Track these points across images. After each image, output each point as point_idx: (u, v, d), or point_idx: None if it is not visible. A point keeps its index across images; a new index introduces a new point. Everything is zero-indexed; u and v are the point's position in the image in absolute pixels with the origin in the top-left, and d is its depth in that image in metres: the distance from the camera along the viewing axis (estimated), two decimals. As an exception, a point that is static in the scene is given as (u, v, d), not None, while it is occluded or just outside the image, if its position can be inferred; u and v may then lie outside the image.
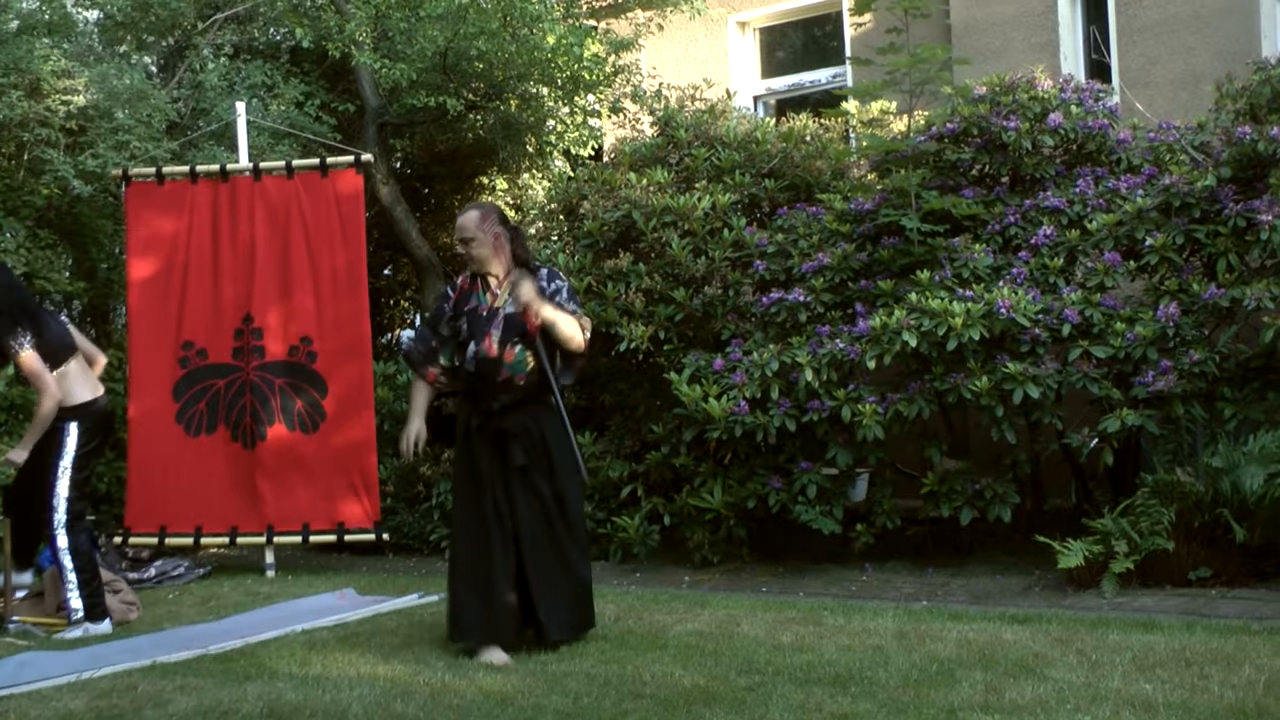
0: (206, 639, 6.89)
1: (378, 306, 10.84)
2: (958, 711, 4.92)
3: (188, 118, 10.62)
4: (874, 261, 8.69)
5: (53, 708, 5.50)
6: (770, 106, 12.90)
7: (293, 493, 9.24)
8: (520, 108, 12.12)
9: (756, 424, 8.16)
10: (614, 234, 9.31)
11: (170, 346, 9.27)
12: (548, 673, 5.82)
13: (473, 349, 6.44)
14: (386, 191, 12.00)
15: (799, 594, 7.79)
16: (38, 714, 5.41)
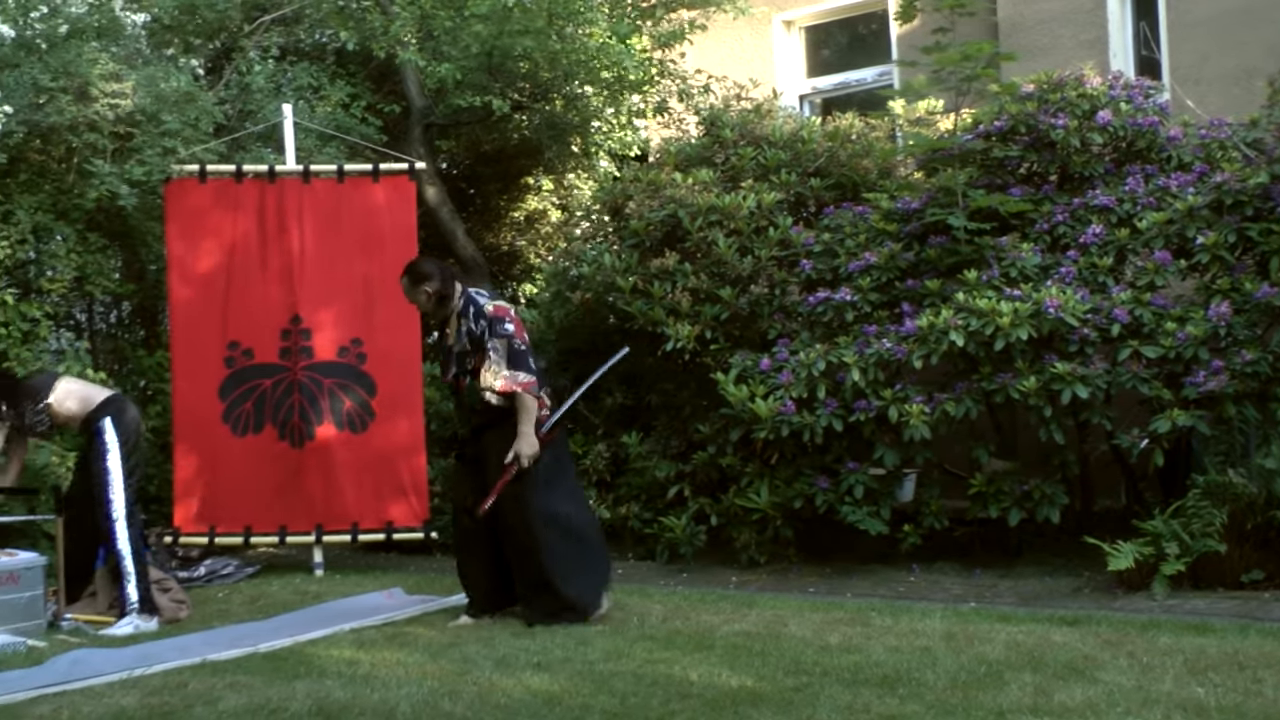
0: (256, 637, 6.92)
1: (424, 307, 10.84)
2: (1006, 714, 4.89)
3: (234, 120, 10.66)
4: (921, 261, 8.66)
5: (105, 704, 5.53)
6: (816, 105, 12.86)
7: (341, 492, 9.27)
8: (566, 108, 12.12)
9: (803, 424, 8.14)
10: (660, 233, 9.30)
11: (215, 346, 9.27)
12: (595, 673, 5.81)
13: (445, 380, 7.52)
14: (433, 192, 12.01)
15: (846, 595, 7.77)
16: (90, 710, 5.44)
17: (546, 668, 5.96)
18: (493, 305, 7.29)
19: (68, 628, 7.46)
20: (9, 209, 9.32)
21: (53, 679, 6.02)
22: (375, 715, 5.21)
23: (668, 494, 9.14)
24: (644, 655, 6.13)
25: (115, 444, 7.64)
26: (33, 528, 8.78)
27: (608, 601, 7.25)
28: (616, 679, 5.68)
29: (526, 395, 7.08)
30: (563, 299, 10.08)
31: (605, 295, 9.31)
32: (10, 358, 9.17)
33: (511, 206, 14.12)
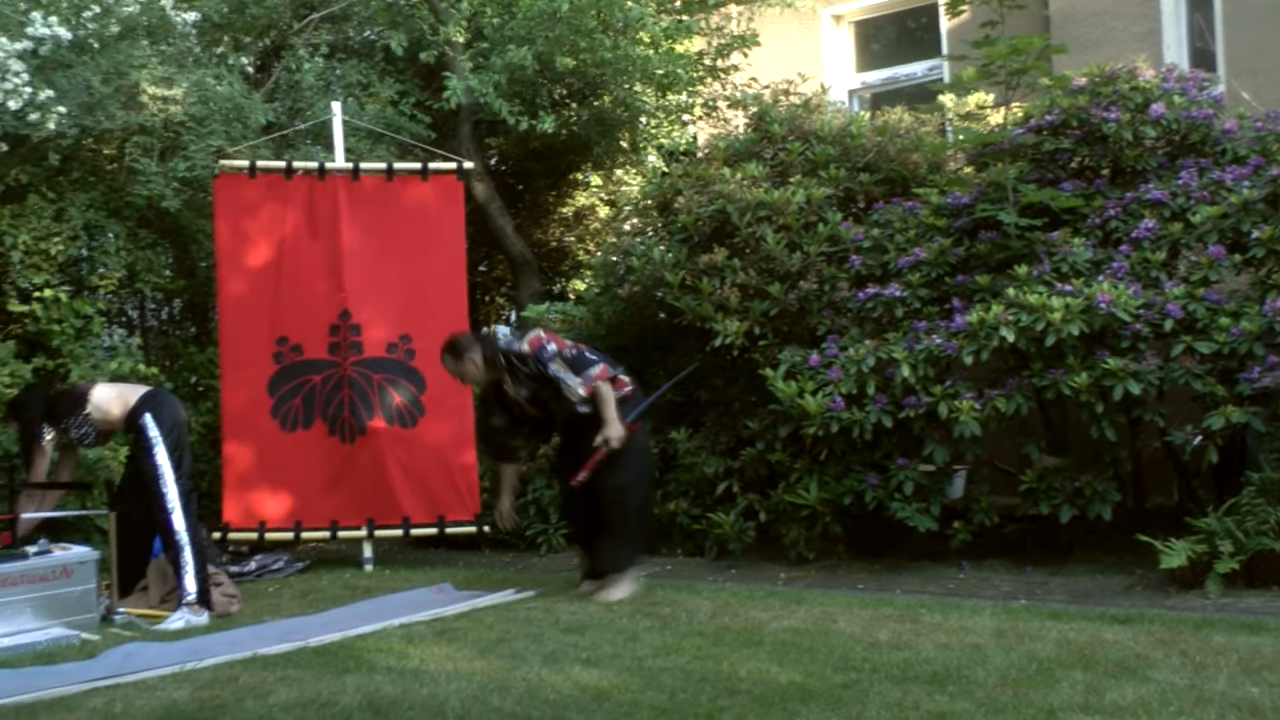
0: (306, 632, 6.95)
1: (473, 303, 10.88)
2: (1057, 712, 4.85)
3: (284, 117, 10.71)
4: (971, 256, 8.61)
5: (157, 698, 5.57)
6: (865, 100, 12.82)
7: (393, 486, 9.31)
8: (614, 104, 12.12)
9: (852, 420, 8.11)
10: (708, 229, 9.28)
11: (264, 342, 9.32)
12: (644, 669, 5.81)
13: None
14: (481, 189, 12.05)
15: (896, 591, 7.73)
16: (143, 703, 5.48)
17: (595, 663, 5.96)
18: (525, 344, 7.81)
19: (120, 621, 7.53)
20: (61, 207, 9.40)
21: (105, 672, 6.08)
22: (425, 710, 5.22)
23: (716, 490, 9.12)
24: (693, 651, 6.13)
25: (159, 437, 7.71)
26: (85, 522, 8.87)
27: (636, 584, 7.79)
28: (665, 675, 5.68)
29: (602, 385, 7.64)
30: (611, 294, 10.08)
31: (654, 290, 9.30)
32: (64, 354, 9.25)
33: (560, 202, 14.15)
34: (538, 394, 7.85)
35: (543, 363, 7.70)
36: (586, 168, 13.59)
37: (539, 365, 7.71)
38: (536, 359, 7.72)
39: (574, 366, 7.68)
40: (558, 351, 7.72)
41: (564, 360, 7.70)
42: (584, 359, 7.75)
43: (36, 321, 9.25)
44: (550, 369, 7.67)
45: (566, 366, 7.68)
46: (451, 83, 11.00)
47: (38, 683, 5.92)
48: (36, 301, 9.28)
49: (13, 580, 7.17)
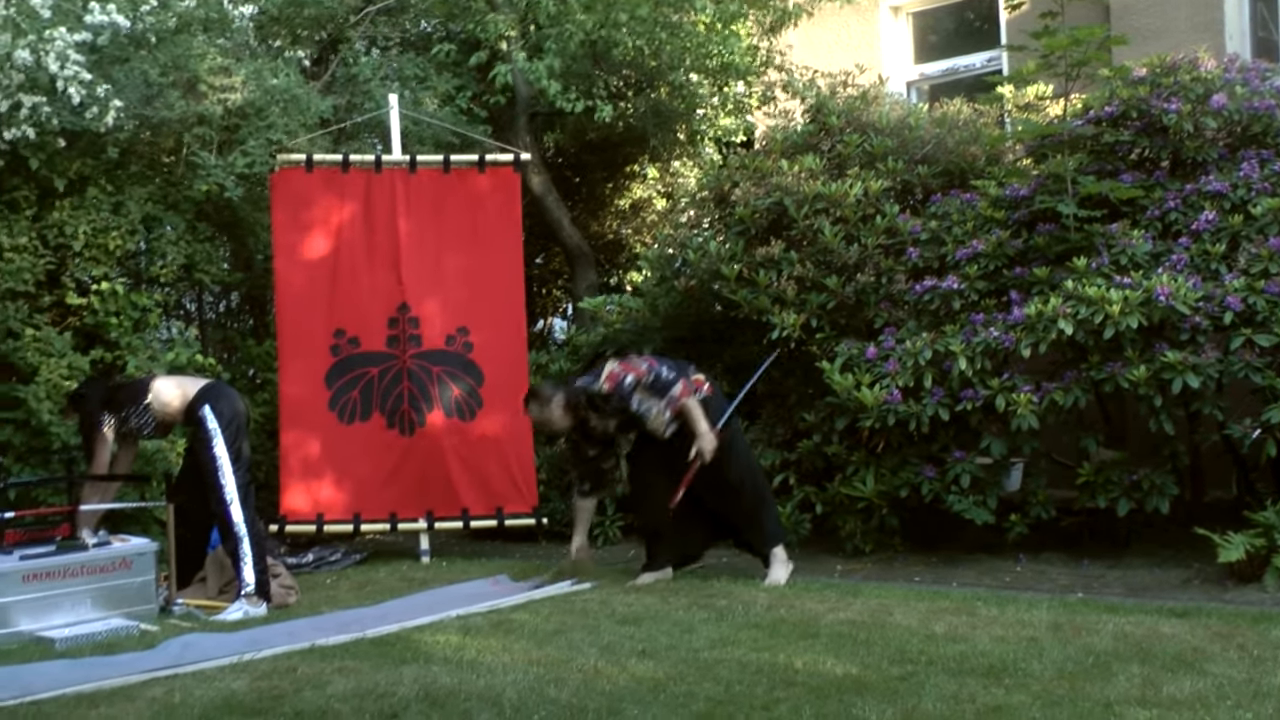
0: (363, 623, 7.00)
1: (530, 295, 10.92)
2: (1114, 705, 4.84)
3: (341, 111, 10.77)
4: (1029, 248, 8.57)
5: (216, 688, 5.63)
6: (923, 92, 12.77)
7: (451, 479, 9.34)
8: (671, 95, 12.13)
9: (909, 413, 8.10)
10: (765, 221, 9.27)
11: (321, 334, 9.36)
12: (699, 660, 5.83)
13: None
14: (538, 181, 12.08)
15: (952, 584, 7.72)
16: (201, 693, 5.54)
17: (651, 655, 5.98)
18: (603, 382, 7.90)
19: (179, 612, 7.60)
20: (120, 200, 9.48)
21: (165, 662, 6.15)
22: (481, 701, 5.26)
23: (773, 482, 9.12)
24: (749, 643, 6.14)
25: (218, 429, 7.76)
26: (144, 513, 8.96)
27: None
28: (721, 666, 5.69)
29: (686, 400, 7.78)
30: (668, 287, 10.09)
31: (710, 283, 9.31)
32: (121, 346, 9.34)
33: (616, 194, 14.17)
34: (629, 428, 8.02)
35: (625, 398, 7.81)
36: (643, 160, 13.59)
37: (622, 401, 7.80)
38: (618, 396, 7.81)
39: (655, 391, 7.79)
40: (637, 381, 7.80)
41: (645, 389, 7.79)
42: (662, 379, 7.83)
43: (94, 314, 9.34)
44: (633, 403, 7.80)
45: (649, 394, 7.79)
46: (500, 68, 11.03)
47: (98, 672, 5.99)
48: (95, 294, 9.38)
49: (73, 571, 7.26)
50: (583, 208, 13.85)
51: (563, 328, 14.37)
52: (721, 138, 12.80)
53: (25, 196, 9.11)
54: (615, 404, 7.81)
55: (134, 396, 7.95)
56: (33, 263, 9.03)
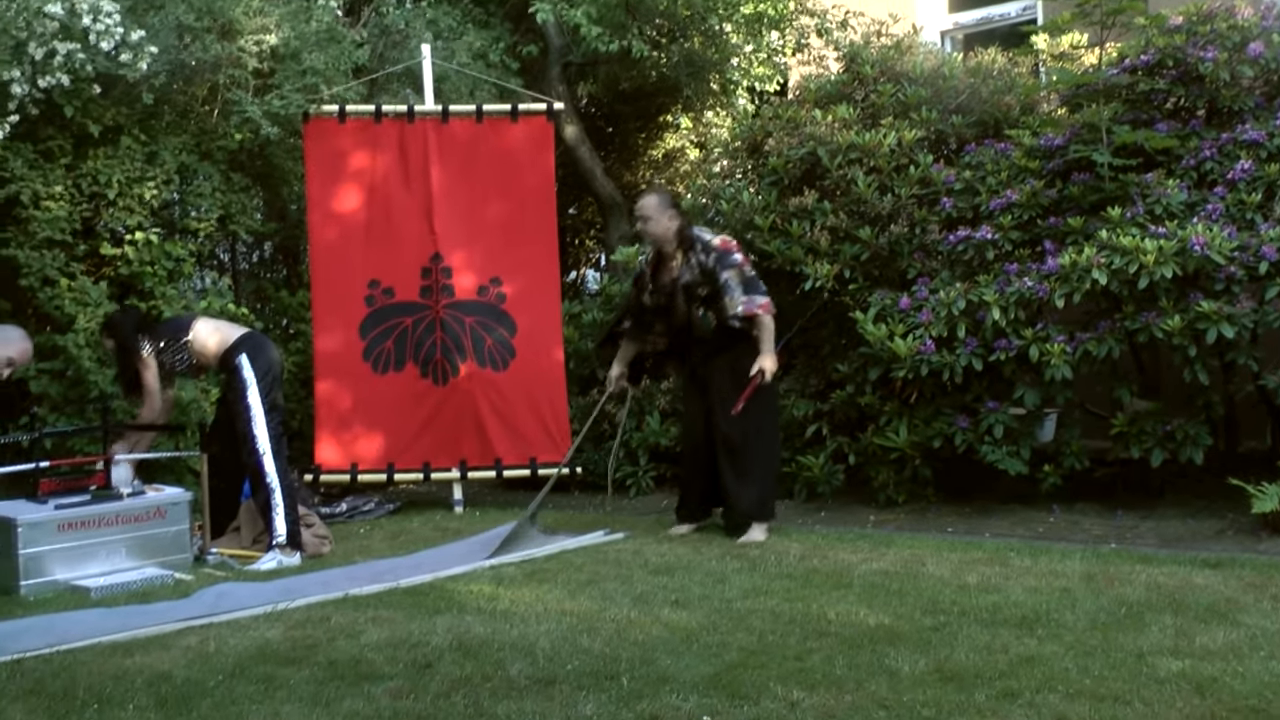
0: (397, 573, 7.05)
1: (563, 246, 10.93)
2: (1147, 656, 4.85)
3: (373, 61, 10.75)
4: (1063, 198, 8.53)
5: (250, 637, 5.69)
6: (958, 41, 12.68)
7: (485, 428, 9.36)
8: (704, 45, 12.08)
9: (943, 363, 8.08)
10: (798, 171, 9.25)
11: (356, 285, 9.38)
12: (732, 610, 5.86)
13: (668, 317, 8.03)
14: (571, 131, 12.06)
15: (985, 535, 7.72)
16: (236, 643, 5.59)
17: (684, 605, 6.01)
18: (719, 239, 7.91)
19: (213, 561, 7.66)
20: (154, 149, 9.50)
21: (199, 611, 6.21)
22: (515, 651, 5.30)
23: (806, 433, 9.13)
24: (782, 593, 6.17)
25: (253, 379, 7.79)
26: (178, 464, 9.02)
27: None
28: (754, 616, 5.72)
29: (766, 316, 7.74)
30: (701, 237, 10.07)
31: (744, 234, 9.29)
32: (156, 296, 9.38)
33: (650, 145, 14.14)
34: (694, 290, 7.85)
35: (723, 264, 7.74)
36: (676, 110, 13.56)
37: (718, 264, 7.75)
38: (720, 257, 7.77)
39: (745, 285, 7.74)
40: (741, 263, 7.80)
41: (741, 275, 7.76)
42: (757, 284, 7.83)
43: (129, 264, 9.37)
44: (724, 274, 7.72)
45: (740, 280, 7.74)
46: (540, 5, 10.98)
47: (133, 621, 6.05)
48: (129, 244, 9.41)
49: (108, 521, 7.31)
50: (616, 158, 13.83)
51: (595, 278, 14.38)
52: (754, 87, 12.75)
53: (60, 145, 9.13)
54: (710, 262, 7.75)
55: (175, 331, 7.98)
56: (69, 211, 9.06)
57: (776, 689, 4.62)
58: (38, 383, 8.90)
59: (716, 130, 13.53)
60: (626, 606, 6.01)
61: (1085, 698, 4.40)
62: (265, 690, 4.86)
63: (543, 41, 11.80)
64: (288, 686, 4.90)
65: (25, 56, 8.39)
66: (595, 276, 14.52)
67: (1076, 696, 4.42)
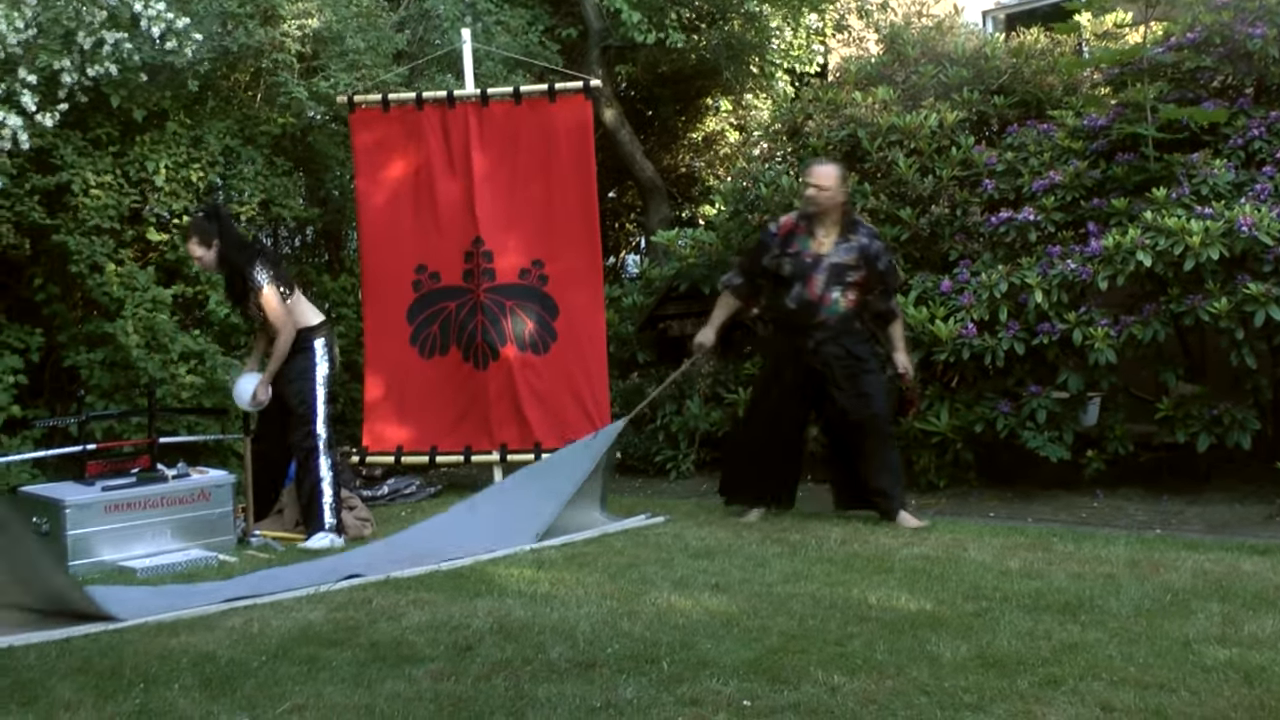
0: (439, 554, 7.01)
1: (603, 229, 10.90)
2: (1193, 644, 4.80)
3: (414, 46, 10.76)
4: (1107, 179, 8.46)
5: (293, 618, 5.69)
6: (1000, 21, 12.60)
7: (524, 412, 9.36)
8: (743, 27, 12.03)
9: (984, 346, 8.03)
10: (839, 153, 9.19)
11: (403, 270, 9.41)
12: (773, 595, 5.83)
13: (796, 290, 7.62)
14: (611, 114, 12.03)
15: (1027, 520, 7.68)
16: (279, 624, 5.60)
17: (725, 589, 5.99)
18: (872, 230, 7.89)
19: (256, 544, 7.69)
20: (199, 134, 9.54)
21: (242, 592, 6.22)
22: (555, 634, 5.28)
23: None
24: (822, 578, 6.14)
25: (325, 366, 7.84)
26: (222, 446, 9.06)
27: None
28: (794, 601, 5.69)
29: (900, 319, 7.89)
30: (741, 220, 10.03)
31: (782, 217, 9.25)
32: (202, 281, 9.43)
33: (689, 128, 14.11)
34: (844, 271, 7.60)
35: (884, 256, 7.72)
36: (716, 92, 13.53)
37: (880, 254, 7.68)
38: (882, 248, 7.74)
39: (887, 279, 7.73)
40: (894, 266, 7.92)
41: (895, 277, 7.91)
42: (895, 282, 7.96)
43: (175, 249, 9.42)
44: (883, 266, 7.66)
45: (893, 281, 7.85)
46: None
47: (178, 601, 6.09)
48: (175, 229, 9.46)
49: (154, 503, 7.37)
50: (655, 141, 13.81)
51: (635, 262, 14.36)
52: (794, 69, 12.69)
53: (108, 133, 9.20)
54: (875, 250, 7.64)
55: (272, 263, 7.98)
56: (117, 200, 9.11)
57: (817, 674, 4.59)
58: (87, 370, 8.95)
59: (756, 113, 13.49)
60: (667, 590, 5.99)
61: (1130, 686, 4.35)
62: (308, 671, 4.86)
63: (582, 24, 11.77)
64: (330, 668, 4.90)
65: (75, 46, 8.46)
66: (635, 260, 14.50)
67: (1121, 684, 4.37)
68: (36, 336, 9.02)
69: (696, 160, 14.04)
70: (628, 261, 14.87)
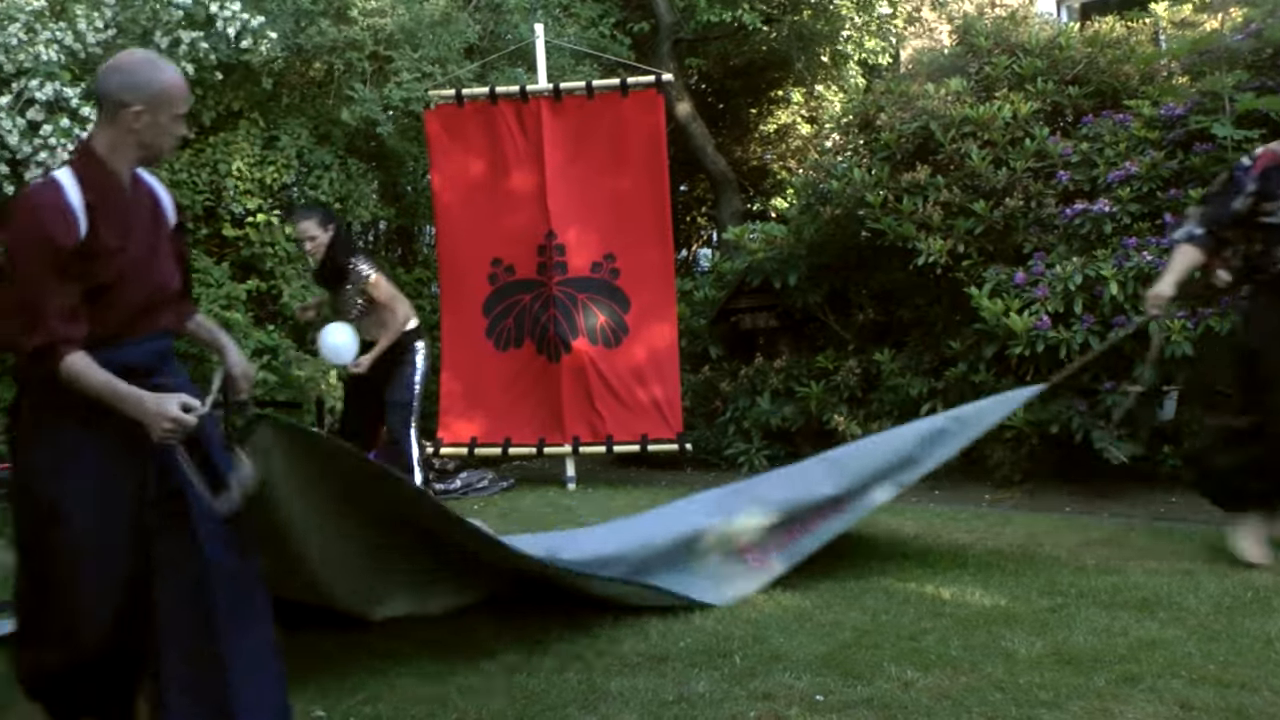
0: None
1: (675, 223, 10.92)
2: (1274, 642, 4.73)
3: (486, 40, 10.80)
4: (1184, 169, 8.36)
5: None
6: (1074, 10, 12.48)
7: (596, 405, 9.40)
8: (814, 17, 11.99)
9: (1059, 339, 7.96)
10: (911, 146, 9.14)
11: (479, 264, 9.50)
12: (846, 589, 5.81)
13: None
14: (682, 108, 12.03)
15: (1103, 515, 7.60)
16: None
17: (798, 583, 5.96)
18: None
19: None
20: (273, 134, 9.62)
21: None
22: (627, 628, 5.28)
23: (920, 411, 9.03)
24: (896, 572, 6.11)
25: (424, 367, 8.03)
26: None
27: None
28: (868, 596, 5.67)
29: None
30: (813, 213, 9.99)
31: (855, 210, 9.21)
32: (276, 276, 9.51)
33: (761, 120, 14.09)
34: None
35: None
36: (787, 85, 13.50)
37: None
38: None
39: None
40: None
41: None
42: None
43: (250, 245, 9.51)
44: None
45: None
46: None
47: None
48: (250, 226, 9.54)
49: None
50: (726, 134, 13.80)
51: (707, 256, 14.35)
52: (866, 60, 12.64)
53: (183, 133, 9.30)
54: None
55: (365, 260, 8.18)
56: (192, 198, 9.21)
57: (890, 669, 4.58)
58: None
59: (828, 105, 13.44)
60: (739, 585, 5.98)
61: (1209, 684, 4.30)
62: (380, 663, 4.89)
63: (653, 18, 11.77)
64: (403, 660, 4.94)
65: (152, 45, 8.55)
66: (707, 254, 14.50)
67: (1200, 682, 4.32)
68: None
69: (768, 153, 14.01)
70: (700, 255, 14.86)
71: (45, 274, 3.50)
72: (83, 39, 8.38)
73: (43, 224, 3.52)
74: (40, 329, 3.51)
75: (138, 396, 3.55)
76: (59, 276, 3.52)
